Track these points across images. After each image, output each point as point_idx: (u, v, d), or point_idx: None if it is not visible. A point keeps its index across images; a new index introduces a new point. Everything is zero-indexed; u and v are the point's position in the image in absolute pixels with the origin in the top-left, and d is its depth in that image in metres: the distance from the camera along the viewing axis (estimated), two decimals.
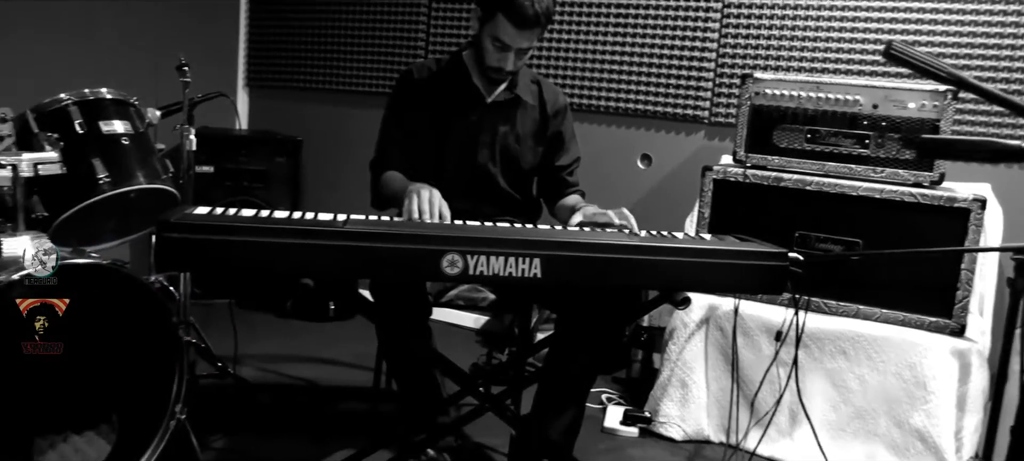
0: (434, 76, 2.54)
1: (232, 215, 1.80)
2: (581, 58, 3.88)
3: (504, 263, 1.77)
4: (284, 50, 4.75)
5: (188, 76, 2.67)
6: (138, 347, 2.20)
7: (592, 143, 3.74)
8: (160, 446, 2.25)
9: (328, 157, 4.59)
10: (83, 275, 2.07)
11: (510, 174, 2.57)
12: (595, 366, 2.45)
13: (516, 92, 2.51)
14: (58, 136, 2.03)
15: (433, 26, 4.26)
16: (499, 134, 2.52)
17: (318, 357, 3.58)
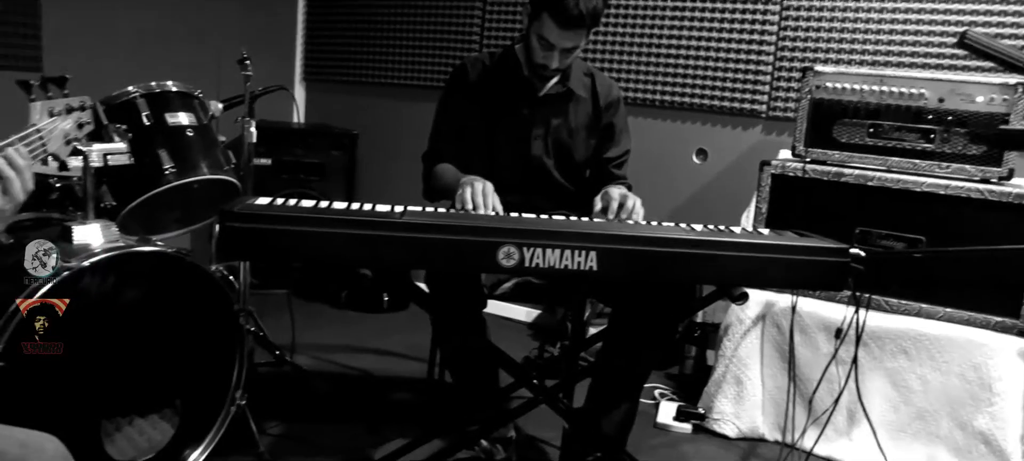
0: (487, 70, 2.55)
1: (292, 206, 1.84)
2: (637, 52, 3.85)
3: (560, 255, 1.78)
4: (340, 45, 4.81)
5: (250, 70, 2.72)
6: (200, 334, 2.26)
7: (647, 138, 3.71)
8: (221, 431, 2.31)
9: (383, 150, 4.63)
10: (149, 263, 2.13)
11: (564, 166, 2.57)
12: (649, 361, 2.43)
13: (568, 85, 2.51)
14: (126, 127, 2.08)
15: (487, 20, 4.27)
16: (552, 127, 2.52)
17: (372, 348, 3.62)
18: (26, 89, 1.42)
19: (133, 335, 2.09)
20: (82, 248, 2.02)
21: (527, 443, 2.68)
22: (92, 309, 2.01)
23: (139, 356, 2.11)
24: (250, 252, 1.89)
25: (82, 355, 1.99)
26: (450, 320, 2.35)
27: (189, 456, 2.24)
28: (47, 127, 1.38)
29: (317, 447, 2.59)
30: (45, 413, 1.87)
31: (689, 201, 3.71)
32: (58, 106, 1.45)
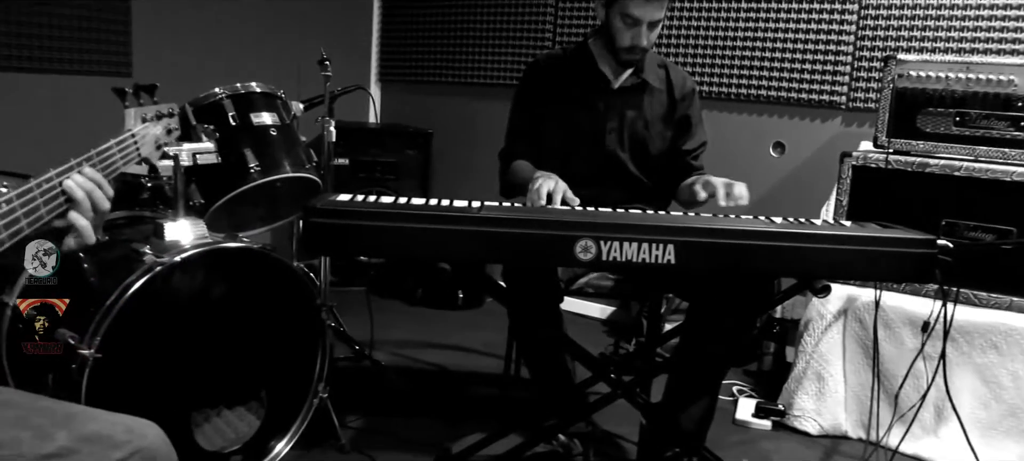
0: (561, 65, 2.56)
1: (372, 202, 1.87)
2: (712, 44, 3.81)
3: (637, 249, 1.77)
4: (414, 45, 4.88)
5: (329, 70, 2.78)
6: (284, 328, 2.32)
7: (723, 131, 3.67)
8: (304, 423, 2.37)
9: (456, 149, 4.68)
10: (236, 258, 2.20)
11: (639, 159, 2.56)
12: (728, 356, 2.40)
13: (643, 76, 2.50)
14: (213, 127, 2.15)
15: (560, 18, 4.27)
16: (627, 119, 2.51)
17: (448, 344, 3.67)
18: (121, 97, 1.49)
19: (221, 329, 2.16)
20: (173, 244, 2.09)
21: (604, 438, 2.68)
22: (182, 303, 2.09)
23: (226, 349, 2.18)
24: (333, 247, 1.92)
25: (173, 348, 2.06)
26: (527, 314, 2.36)
27: (274, 447, 2.30)
28: (140, 132, 1.44)
29: (397, 440, 2.63)
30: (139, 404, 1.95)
31: (766, 196, 3.65)
32: (150, 113, 1.52)
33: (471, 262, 2.06)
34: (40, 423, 1.13)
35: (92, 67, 3.55)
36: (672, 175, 2.59)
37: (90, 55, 3.55)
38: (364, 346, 3.10)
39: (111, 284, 1.96)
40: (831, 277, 1.97)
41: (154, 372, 2.02)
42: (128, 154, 1.38)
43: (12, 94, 3.26)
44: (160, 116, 1.53)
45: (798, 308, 3.19)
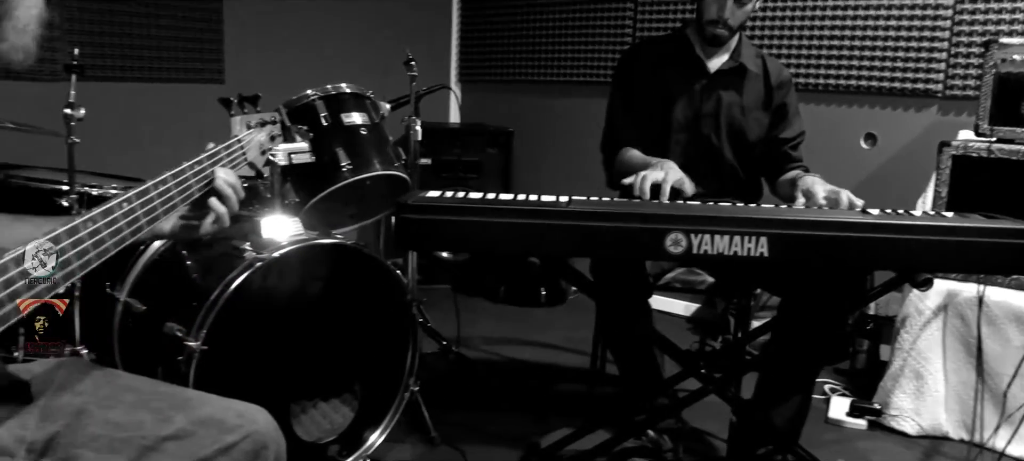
0: (657, 51, 2.56)
1: (462, 197, 1.89)
2: (799, 34, 3.72)
3: (729, 242, 1.74)
4: (494, 45, 4.91)
5: (415, 70, 2.83)
6: (376, 322, 2.37)
7: (812, 123, 3.52)
8: (396, 416, 2.41)
9: (536, 146, 4.70)
10: (331, 254, 2.25)
11: (736, 146, 2.52)
12: (822, 352, 2.34)
13: (740, 60, 2.47)
14: (307, 128, 2.20)
15: (640, 13, 4.24)
16: (724, 105, 2.49)
17: (532, 340, 3.68)
18: (227, 106, 1.57)
19: (316, 323, 2.22)
20: (270, 241, 2.16)
21: (693, 435, 2.64)
22: (280, 298, 2.15)
23: (321, 343, 2.24)
24: (424, 243, 1.96)
25: (272, 341, 2.13)
26: (616, 309, 2.36)
27: (368, 437, 2.35)
28: (246, 138, 1.50)
29: (485, 434, 2.66)
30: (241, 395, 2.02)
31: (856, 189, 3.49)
32: (253, 120, 1.59)
33: (561, 256, 2.06)
34: (159, 406, 1.18)
35: (188, 75, 3.70)
36: (770, 166, 2.55)
37: (185, 63, 3.69)
38: (451, 342, 3.14)
39: (214, 280, 2.04)
40: (932, 270, 1.90)
41: (255, 364, 2.08)
42: (235, 159, 1.44)
43: (115, 103, 3.41)
44: (263, 123, 1.60)
45: (893, 304, 3.09)
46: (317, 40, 4.19)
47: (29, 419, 1.11)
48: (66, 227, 0.99)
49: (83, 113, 2.17)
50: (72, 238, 1.00)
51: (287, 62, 3.97)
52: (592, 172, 2.67)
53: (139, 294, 2.22)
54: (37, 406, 1.13)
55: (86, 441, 1.12)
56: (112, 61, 3.41)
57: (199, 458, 1.16)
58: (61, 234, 0.98)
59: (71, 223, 1.00)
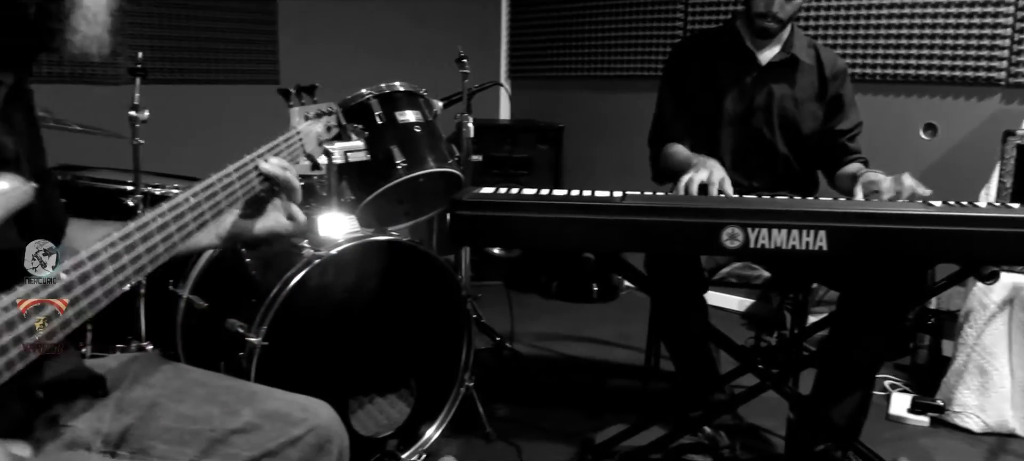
0: (707, 44, 2.54)
1: (516, 193, 1.89)
2: (854, 22, 3.64)
3: (787, 236, 1.72)
4: (543, 41, 4.91)
5: (467, 68, 2.84)
6: (431, 318, 2.39)
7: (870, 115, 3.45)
8: (452, 410, 2.43)
9: (587, 143, 4.68)
10: (387, 251, 2.28)
11: (789, 139, 2.49)
12: (882, 347, 2.30)
13: (792, 52, 2.43)
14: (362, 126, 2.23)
15: (691, 7, 4.19)
16: (776, 97, 2.45)
17: (585, 336, 3.68)
18: (285, 97, 1.58)
19: (372, 318, 2.25)
20: (327, 239, 2.19)
21: (749, 431, 2.61)
22: (338, 294, 2.18)
23: (378, 338, 2.26)
24: (479, 238, 1.98)
25: (330, 336, 2.16)
26: (671, 304, 2.34)
27: (425, 432, 2.37)
28: (305, 129, 1.51)
29: (539, 430, 2.67)
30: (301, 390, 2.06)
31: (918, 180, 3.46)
32: (311, 111, 1.60)
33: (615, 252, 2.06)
34: (227, 400, 1.21)
35: (243, 76, 3.77)
36: (826, 158, 2.51)
37: (241, 65, 3.76)
38: (504, 338, 3.15)
39: (273, 277, 2.07)
40: (997, 263, 1.86)
41: (313, 360, 2.12)
42: (294, 150, 1.45)
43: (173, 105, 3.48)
44: (320, 115, 1.61)
45: (955, 299, 3.02)
46: (368, 39, 4.24)
47: (105, 411, 1.15)
48: (137, 223, 1.02)
49: (147, 115, 2.23)
50: (142, 232, 1.02)
51: (340, 61, 4.01)
52: (644, 168, 2.66)
53: (201, 291, 2.28)
54: (112, 399, 1.17)
55: (158, 433, 1.15)
56: (170, 63, 3.48)
57: (266, 451, 1.19)
58: (132, 230, 1.01)
59: (141, 220, 1.03)
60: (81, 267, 0.93)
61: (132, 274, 1.00)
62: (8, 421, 0.94)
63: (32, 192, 0.93)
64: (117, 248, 0.98)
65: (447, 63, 2.88)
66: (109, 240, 0.97)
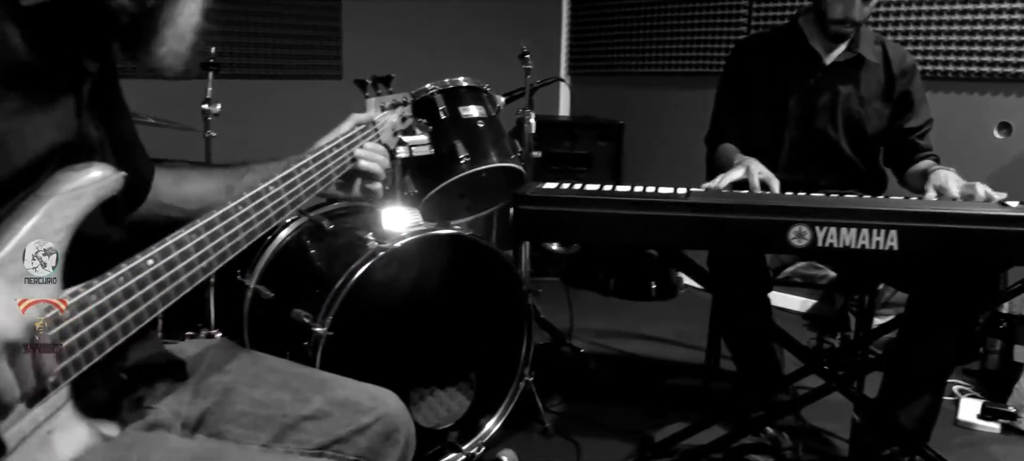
0: (769, 44, 2.49)
1: (579, 189, 1.90)
2: (926, 19, 3.55)
3: (856, 235, 1.70)
4: (604, 37, 4.89)
5: (529, 63, 2.85)
6: (492, 312, 2.40)
7: (941, 113, 3.37)
8: (511, 404, 2.43)
9: (647, 139, 4.65)
10: (449, 244, 2.29)
11: (854, 139, 2.44)
12: (952, 351, 2.24)
13: (858, 51, 2.38)
14: (426, 121, 2.25)
15: (756, 5, 4.13)
16: (841, 97, 2.40)
17: (643, 334, 3.66)
18: (362, 88, 1.61)
19: (434, 311, 2.27)
20: (391, 232, 2.22)
21: (812, 434, 2.57)
22: (401, 286, 2.21)
23: (439, 331, 2.29)
24: (542, 233, 1.99)
25: (393, 328, 2.19)
26: (734, 302, 2.32)
27: (484, 424, 2.39)
28: (381, 119, 1.54)
29: (598, 426, 2.66)
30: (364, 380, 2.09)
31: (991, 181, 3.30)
32: (387, 102, 1.62)
33: (679, 248, 2.05)
34: (299, 387, 1.24)
35: (308, 71, 3.84)
36: (896, 157, 2.45)
37: (306, 60, 3.83)
38: (563, 334, 3.15)
39: (339, 268, 2.11)
40: None
41: (376, 350, 2.14)
42: (371, 140, 1.48)
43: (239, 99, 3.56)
44: (396, 105, 1.63)
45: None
46: (429, 35, 4.27)
47: (184, 395, 1.18)
48: (220, 212, 1.05)
49: (219, 108, 2.28)
50: (225, 221, 1.06)
51: (401, 57, 4.02)
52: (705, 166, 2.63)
53: (267, 281, 2.32)
54: (190, 384, 1.20)
55: (233, 417, 1.19)
56: (236, 59, 3.56)
57: (335, 438, 1.21)
58: (215, 218, 1.04)
59: (223, 209, 1.06)
60: (168, 255, 0.96)
61: (214, 260, 1.03)
62: (96, 402, 0.97)
63: (122, 181, 0.96)
64: (201, 235, 1.01)
65: (507, 59, 2.89)
66: (193, 228, 1.00)
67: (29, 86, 0.91)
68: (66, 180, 0.91)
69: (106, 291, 0.89)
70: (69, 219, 0.90)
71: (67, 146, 0.95)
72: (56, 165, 0.92)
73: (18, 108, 0.90)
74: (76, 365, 0.86)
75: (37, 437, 0.86)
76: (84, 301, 0.87)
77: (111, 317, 0.89)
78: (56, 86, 0.96)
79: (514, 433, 2.52)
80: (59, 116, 0.96)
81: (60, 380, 0.85)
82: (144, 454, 0.98)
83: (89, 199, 0.92)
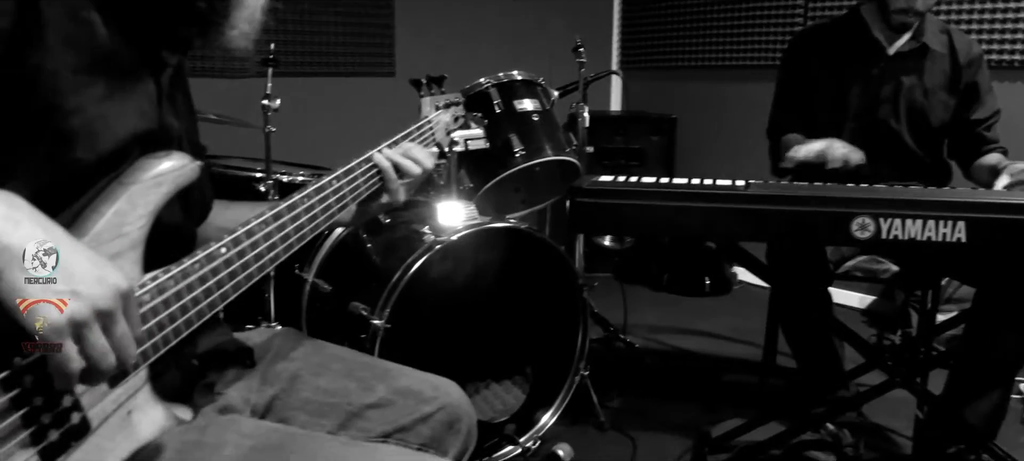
0: (829, 34, 2.45)
1: (636, 181, 1.88)
2: (993, 5, 3.45)
3: (922, 227, 1.65)
4: (656, 31, 4.85)
5: (583, 57, 2.84)
6: (547, 306, 2.40)
7: (1010, 104, 3.30)
8: (566, 398, 2.43)
9: (701, 134, 4.60)
10: (505, 238, 2.30)
11: (917, 131, 2.38)
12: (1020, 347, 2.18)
13: (923, 40, 2.32)
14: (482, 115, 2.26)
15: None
16: (904, 88, 2.35)
17: (697, 329, 3.63)
18: (417, 87, 1.64)
19: (490, 305, 2.28)
20: (447, 226, 2.23)
21: (873, 430, 2.52)
22: (457, 280, 2.22)
23: (495, 324, 2.29)
24: (598, 226, 1.99)
25: (449, 321, 2.20)
26: (795, 296, 2.28)
27: (540, 418, 2.39)
28: (435, 119, 1.56)
29: (653, 421, 2.65)
30: None
31: None
32: (441, 101, 1.65)
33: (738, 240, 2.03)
34: (363, 376, 1.26)
35: (361, 69, 3.88)
36: (962, 149, 2.39)
37: (359, 57, 3.87)
38: (617, 329, 3.14)
39: (396, 262, 2.12)
40: None
41: (432, 343, 2.16)
42: (425, 138, 1.50)
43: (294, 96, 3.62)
44: (449, 104, 1.65)
45: None
46: (480, 30, 4.29)
47: (252, 382, 1.21)
48: (287, 203, 1.07)
49: (279, 103, 2.32)
50: (292, 213, 1.08)
51: (453, 52, 4.08)
52: (759, 160, 2.59)
53: (325, 275, 2.35)
54: (258, 371, 1.23)
55: (300, 404, 1.21)
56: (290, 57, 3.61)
57: (399, 426, 1.22)
58: (282, 210, 1.07)
59: (290, 200, 1.08)
60: (239, 243, 0.98)
61: (281, 251, 1.05)
62: (170, 386, 1.00)
63: (198, 170, 0.99)
64: (269, 226, 1.03)
65: (559, 53, 2.88)
66: (262, 218, 1.02)
67: (113, 74, 0.94)
68: (147, 167, 0.94)
69: (183, 277, 0.91)
70: (150, 205, 0.92)
71: (148, 134, 0.97)
72: (138, 153, 0.95)
73: (104, 95, 0.92)
74: (155, 348, 0.88)
75: (118, 417, 0.89)
76: (163, 286, 0.89)
77: (187, 302, 0.91)
78: (138, 75, 0.99)
79: (569, 427, 2.52)
80: (142, 104, 0.98)
81: (140, 362, 0.87)
82: (218, 436, 1.00)
83: (168, 187, 0.94)
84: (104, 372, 0.78)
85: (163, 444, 0.95)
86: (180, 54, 1.07)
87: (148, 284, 0.88)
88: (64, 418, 0.82)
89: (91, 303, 0.76)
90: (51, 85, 0.87)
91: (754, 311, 3.12)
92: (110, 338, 0.78)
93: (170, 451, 0.95)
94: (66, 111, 0.88)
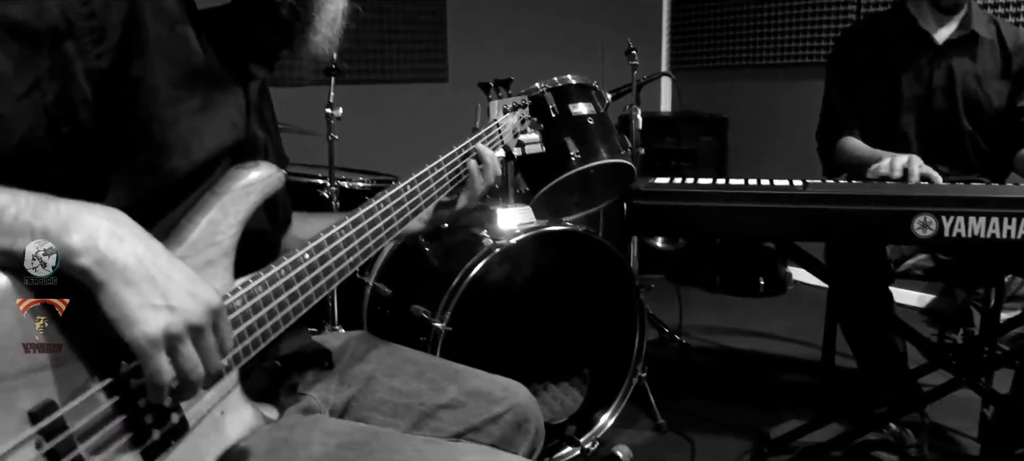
0: (875, 30, 2.43)
1: (693, 183, 1.89)
2: None
3: (986, 224, 1.64)
4: (706, 31, 4.83)
5: (636, 60, 2.86)
6: (605, 308, 2.42)
7: None
8: (625, 399, 2.45)
9: (752, 134, 4.57)
10: (563, 241, 2.32)
11: (975, 118, 2.35)
12: None
13: (971, 27, 2.30)
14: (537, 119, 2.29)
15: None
16: (957, 76, 2.33)
17: (753, 330, 3.61)
18: (485, 90, 1.67)
19: (549, 307, 2.31)
20: (505, 230, 2.27)
21: (936, 431, 2.49)
22: (516, 282, 2.25)
23: (553, 326, 2.32)
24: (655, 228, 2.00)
25: (508, 324, 2.23)
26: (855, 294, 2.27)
27: (599, 418, 2.41)
28: (503, 121, 1.59)
29: (711, 422, 2.65)
30: None
31: None
32: (508, 104, 1.68)
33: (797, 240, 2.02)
34: (434, 377, 1.29)
35: (415, 75, 3.94)
36: (1009, 138, 2.35)
37: (412, 64, 3.93)
38: (672, 330, 3.14)
39: (455, 265, 2.16)
40: None
41: (492, 346, 2.19)
42: (494, 141, 1.53)
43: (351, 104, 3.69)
44: (516, 107, 1.68)
45: None
46: (530, 34, 4.31)
47: (331, 383, 1.25)
48: (365, 210, 1.12)
49: (341, 111, 2.38)
50: (369, 218, 1.12)
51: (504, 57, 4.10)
52: (812, 160, 2.57)
53: (385, 279, 2.40)
54: (336, 372, 1.27)
55: (375, 405, 1.25)
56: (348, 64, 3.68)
57: (470, 426, 1.26)
58: (361, 216, 1.11)
59: (367, 207, 1.13)
60: (321, 249, 1.03)
61: (360, 256, 1.09)
62: (257, 387, 1.04)
63: (283, 179, 1.03)
64: (349, 232, 1.08)
65: (610, 56, 2.89)
66: (343, 225, 1.07)
67: (206, 86, 0.99)
68: (237, 177, 0.98)
69: (270, 282, 0.96)
70: (240, 214, 0.97)
71: (238, 145, 1.02)
72: (228, 163, 1.00)
73: (197, 108, 0.97)
74: (245, 351, 0.93)
75: (211, 417, 0.93)
76: (252, 292, 0.94)
77: (274, 307, 0.96)
78: (228, 87, 1.04)
79: (627, 428, 2.54)
80: (232, 116, 1.03)
81: (232, 365, 0.92)
82: (305, 434, 1.05)
83: (257, 195, 0.99)
84: (194, 384, 0.82)
85: (253, 443, 1.00)
86: (267, 66, 1.11)
87: (239, 290, 0.93)
88: (164, 418, 0.87)
89: (185, 318, 0.79)
90: (151, 97, 0.91)
91: (810, 311, 3.09)
92: (199, 352, 0.81)
93: (260, 449, 1.00)
94: (164, 122, 0.92)
